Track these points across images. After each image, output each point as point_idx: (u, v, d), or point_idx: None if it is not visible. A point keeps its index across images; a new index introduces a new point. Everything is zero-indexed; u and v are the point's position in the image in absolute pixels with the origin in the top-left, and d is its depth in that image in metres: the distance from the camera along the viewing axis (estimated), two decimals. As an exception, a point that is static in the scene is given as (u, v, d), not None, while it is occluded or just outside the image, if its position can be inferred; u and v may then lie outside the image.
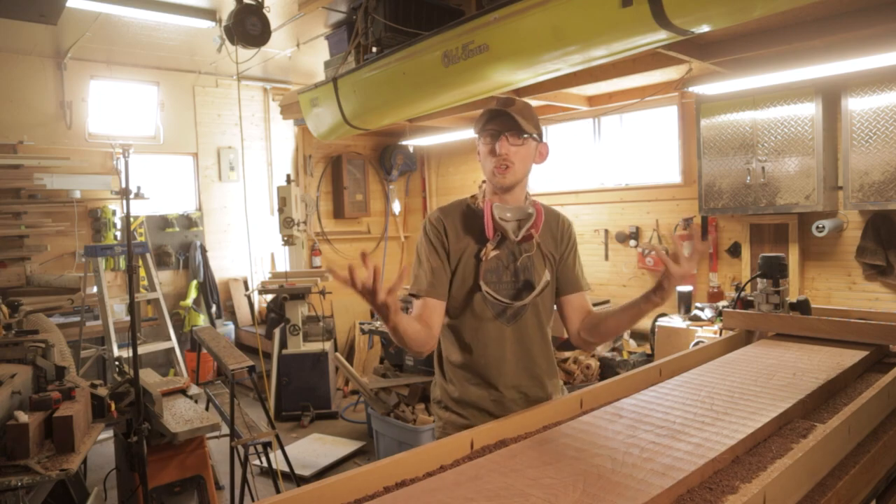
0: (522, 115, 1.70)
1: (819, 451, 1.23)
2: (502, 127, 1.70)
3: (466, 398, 1.77)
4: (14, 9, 3.09)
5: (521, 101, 1.75)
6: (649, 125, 5.46)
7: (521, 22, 2.74)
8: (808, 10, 3.07)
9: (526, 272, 1.76)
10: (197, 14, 4.43)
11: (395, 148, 7.27)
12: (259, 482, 3.81)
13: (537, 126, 1.76)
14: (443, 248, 1.76)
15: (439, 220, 1.79)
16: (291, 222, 5.18)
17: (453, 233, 1.77)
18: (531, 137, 1.73)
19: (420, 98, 3.57)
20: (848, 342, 2.11)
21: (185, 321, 5.99)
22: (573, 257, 1.85)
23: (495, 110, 1.71)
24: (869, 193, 3.85)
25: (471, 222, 1.78)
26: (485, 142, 1.74)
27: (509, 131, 1.70)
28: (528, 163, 1.77)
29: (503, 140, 1.69)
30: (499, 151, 1.69)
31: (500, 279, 1.75)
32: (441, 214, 1.81)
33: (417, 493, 1.14)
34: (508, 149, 1.70)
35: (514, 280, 1.75)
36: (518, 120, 1.68)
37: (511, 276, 1.75)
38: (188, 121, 6.24)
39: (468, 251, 1.75)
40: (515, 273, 1.76)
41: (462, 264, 1.75)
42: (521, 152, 1.72)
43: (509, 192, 1.76)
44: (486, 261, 1.72)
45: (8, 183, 5.13)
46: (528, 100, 4.89)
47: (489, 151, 1.72)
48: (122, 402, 2.59)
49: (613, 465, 1.19)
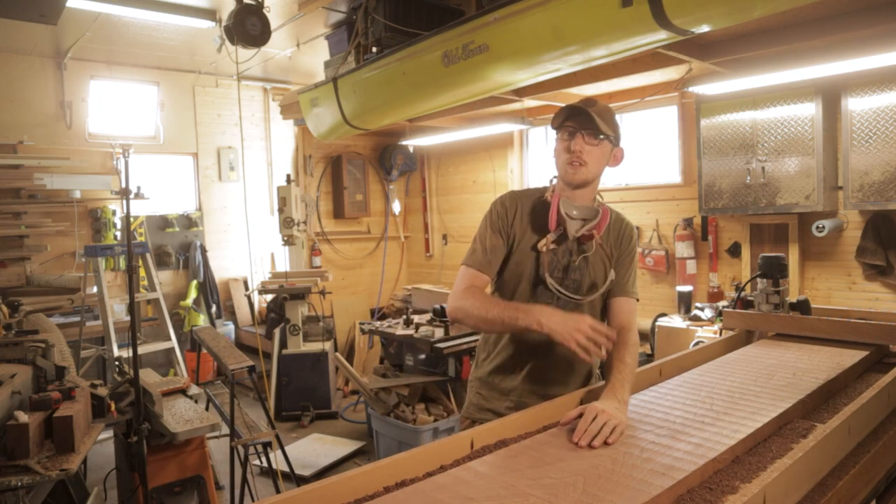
0: (601, 117, 1.71)
1: (819, 451, 1.23)
2: (580, 125, 1.71)
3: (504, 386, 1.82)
4: (14, 9, 3.09)
5: (602, 103, 1.77)
6: (649, 125, 5.46)
7: (521, 22, 2.74)
8: (808, 10, 3.07)
9: (578, 272, 1.77)
10: (197, 14, 4.43)
11: (395, 148, 7.27)
12: (259, 482, 3.81)
13: (616, 129, 1.77)
14: (505, 230, 1.80)
15: (512, 202, 1.83)
16: (291, 222, 5.18)
17: (520, 218, 1.81)
18: (607, 139, 1.74)
19: (420, 98, 3.57)
20: (848, 342, 2.11)
21: (185, 321, 5.99)
22: (628, 262, 1.85)
23: (576, 108, 1.72)
24: (869, 193, 3.85)
25: (539, 212, 1.79)
26: (561, 137, 1.76)
27: (586, 130, 1.71)
28: (602, 164, 1.78)
29: (579, 138, 1.71)
30: (573, 148, 1.71)
31: (551, 274, 1.76)
32: (514, 198, 1.84)
33: (417, 493, 1.14)
34: (583, 147, 1.71)
35: (563, 277, 1.77)
36: (596, 120, 1.69)
37: (561, 272, 1.77)
38: (188, 121, 6.24)
39: (526, 239, 1.78)
40: (566, 270, 1.77)
41: (518, 251, 1.79)
42: (595, 152, 1.73)
43: (579, 190, 1.78)
44: (545, 253, 1.74)
45: (8, 183, 5.13)
46: (527, 100, 4.91)
47: (565, 148, 1.74)
48: (122, 402, 2.59)
49: (613, 465, 1.19)
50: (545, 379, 1.81)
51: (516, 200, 1.84)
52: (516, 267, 1.79)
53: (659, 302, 5.28)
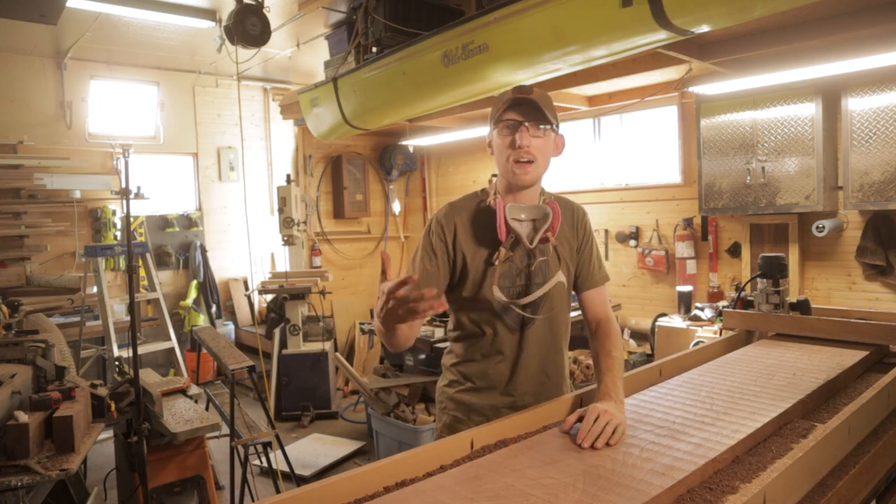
0: (543, 104, 1.56)
1: (819, 451, 1.23)
2: (524, 116, 1.55)
3: (478, 403, 1.70)
4: (14, 9, 3.09)
5: (538, 90, 1.62)
6: (649, 125, 5.46)
7: (521, 22, 2.75)
8: (808, 10, 3.07)
9: (540, 275, 1.65)
10: (197, 14, 4.43)
11: (395, 148, 7.27)
12: (259, 482, 3.81)
13: (556, 117, 1.62)
14: (444, 252, 1.64)
15: (449, 220, 1.66)
16: (291, 222, 5.18)
17: (463, 234, 1.65)
18: (551, 129, 1.60)
19: (420, 98, 3.57)
20: (848, 342, 2.11)
21: (185, 321, 5.99)
22: (589, 249, 1.75)
23: (517, 98, 1.55)
24: (869, 193, 3.85)
25: (483, 222, 1.65)
26: (502, 133, 1.59)
27: (531, 121, 1.55)
28: (549, 157, 1.64)
29: (524, 131, 1.55)
30: (520, 143, 1.54)
31: (513, 283, 1.64)
32: (451, 213, 1.67)
33: (417, 493, 1.14)
34: (530, 141, 1.55)
35: (526, 284, 1.65)
36: (541, 108, 1.54)
37: (524, 279, 1.65)
38: (188, 121, 6.24)
39: (479, 254, 1.64)
40: (529, 276, 1.65)
41: (473, 268, 1.64)
42: (542, 145, 1.59)
43: (526, 189, 1.63)
44: (499, 264, 1.61)
45: (8, 183, 5.13)
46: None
47: (508, 144, 1.57)
48: (122, 402, 2.59)
49: (613, 465, 1.19)
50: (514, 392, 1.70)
51: (454, 215, 1.66)
52: (474, 286, 1.64)
53: (659, 302, 5.28)
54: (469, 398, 1.72)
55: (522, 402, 1.68)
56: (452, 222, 1.66)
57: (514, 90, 1.59)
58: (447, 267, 1.65)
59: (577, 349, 4.91)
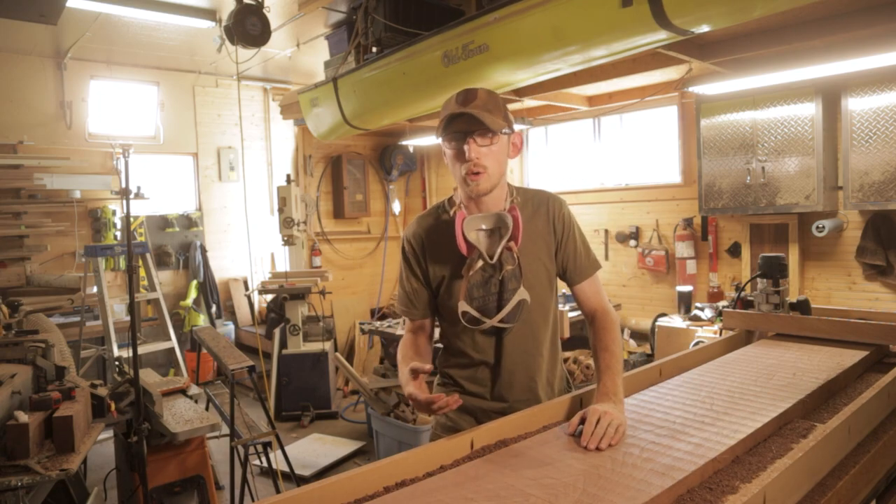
0: (488, 110, 1.50)
1: (819, 451, 1.23)
2: (468, 128, 1.51)
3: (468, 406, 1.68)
4: (14, 9, 3.09)
5: (483, 92, 1.55)
6: (649, 125, 5.46)
7: (521, 22, 2.75)
8: (808, 10, 3.07)
9: (513, 280, 1.61)
10: (197, 14, 4.43)
11: (395, 148, 7.27)
12: (259, 482, 3.81)
13: (506, 117, 1.57)
14: (419, 268, 1.68)
15: (417, 237, 1.68)
16: (291, 222, 5.18)
17: (431, 250, 1.65)
18: (501, 133, 1.55)
19: (420, 98, 3.57)
20: (848, 342, 2.11)
21: (185, 321, 5.99)
22: (572, 242, 1.68)
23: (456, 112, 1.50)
24: (869, 193, 3.85)
25: (446, 235, 1.62)
26: (450, 146, 1.56)
27: (476, 132, 1.51)
28: (503, 161, 1.59)
29: (471, 143, 1.51)
30: (468, 157, 1.51)
31: (487, 292, 1.62)
32: (417, 230, 1.70)
33: (417, 493, 1.14)
34: (479, 151, 1.52)
35: (500, 292, 1.62)
36: (483, 118, 1.48)
37: (498, 286, 1.61)
38: (188, 121, 6.24)
39: (448, 268, 1.64)
40: (502, 284, 1.61)
41: (448, 280, 1.64)
42: (492, 153, 1.54)
43: (486, 196, 1.60)
44: (470, 276, 1.59)
45: (8, 183, 5.13)
46: (527, 100, 4.90)
47: (456, 156, 1.54)
48: (122, 402, 2.59)
49: (613, 465, 1.19)
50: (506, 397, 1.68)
51: (420, 233, 1.68)
52: (448, 300, 1.64)
53: (659, 302, 5.28)
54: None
55: (514, 408, 1.64)
56: (419, 238, 1.69)
57: (456, 98, 1.55)
58: (426, 284, 1.69)
59: (577, 349, 4.91)
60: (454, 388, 1.74)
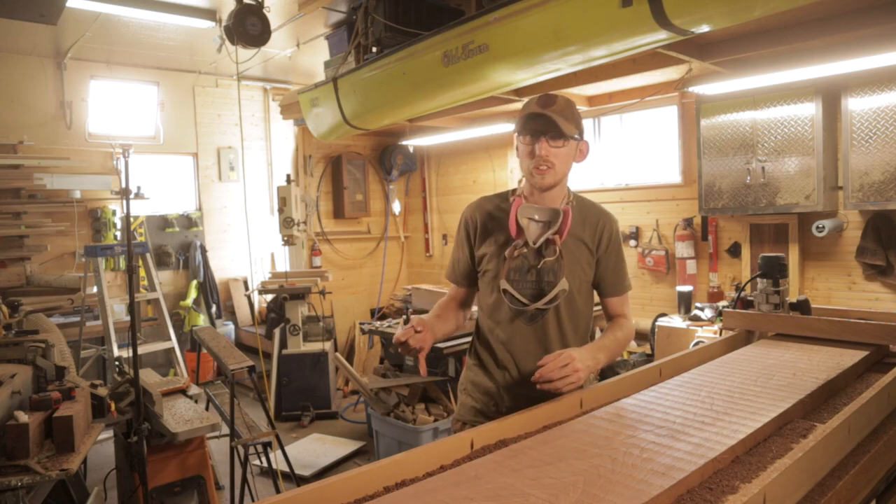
0: (564, 116, 1.67)
1: (819, 451, 1.23)
2: (542, 128, 1.67)
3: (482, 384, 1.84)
4: (14, 9, 3.09)
5: (562, 99, 1.72)
6: (649, 125, 5.46)
7: (521, 22, 2.74)
8: (808, 10, 3.07)
9: (550, 273, 1.74)
10: (197, 14, 4.43)
11: (395, 148, 7.27)
12: (259, 482, 3.81)
13: (579, 125, 1.73)
14: (468, 243, 1.84)
15: (472, 215, 1.85)
16: (291, 222, 5.18)
17: (483, 229, 1.82)
18: (572, 138, 1.71)
19: (420, 98, 3.57)
20: (848, 342, 2.10)
21: (185, 321, 5.99)
22: (613, 259, 1.83)
23: (536, 112, 1.67)
24: (869, 193, 3.85)
25: (502, 218, 1.79)
26: (524, 142, 1.72)
27: (549, 133, 1.67)
28: (569, 163, 1.76)
29: (543, 142, 1.67)
30: (538, 153, 1.68)
31: (523, 278, 1.75)
32: (477, 207, 1.86)
33: (417, 493, 1.14)
34: (549, 151, 1.68)
35: (536, 280, 1.75)
36: (558, 122, 1.65)
37: (535, 275, 1.75)
38: (188, 121, 6.24)
39: (495, 247, 1.78)
40: (538, 273, 1.75)
41: (490, 261, 1.79)
42: (561, 154, 1.70)
43: (547, 192, 1.76)
44: (511, 259, 1.73)
45: (8, 183, 5.13)
46: (528, 100, 4.89)
47: (528, 153, 1.71)
48: (122, 402, 2.59)
49: (613, 465, 1.19)
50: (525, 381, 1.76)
51: (478, 209, 1.85)
52: (485, 273, 1.81)
53: (659, 302, 5.28)
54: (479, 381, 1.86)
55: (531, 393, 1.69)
56: (476, 216, 1.84)
57: (538, 101, 1.70)
58: (471, 254, 1.85)
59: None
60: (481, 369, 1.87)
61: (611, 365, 4.65)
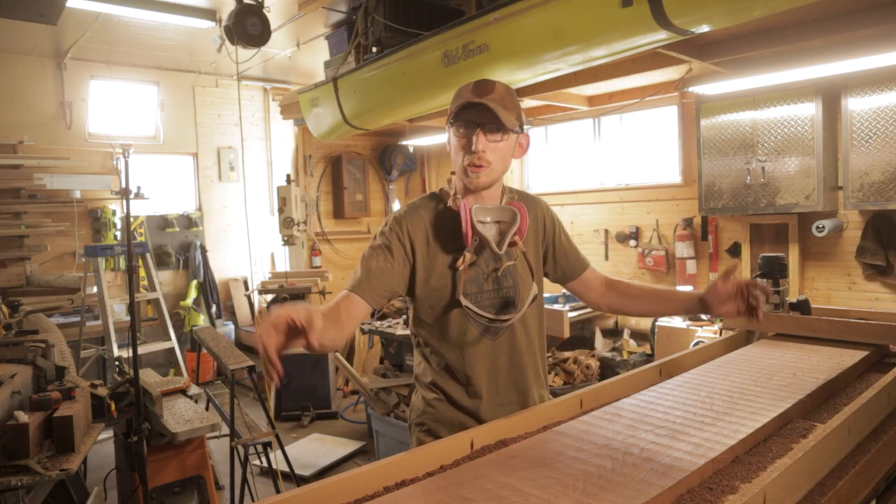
0: (504, 105, 1.45)
1: (819, 451, 1.23)
2: (479, 119, 1.46)
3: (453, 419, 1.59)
4: (14, 9, 3.10)
5: (501, 86, 1.50)
6: (649, 125, 5.46)
7: (521, 22, 2.75)
8: (808, 10, 3.07)
9: (509, 279, 1.57)
10: (197, 14, 4.43)
11: (395, 148, 7.27)
12: (259, 482, 3.81)
13: (519, 116, 1.52)
14: (402, 252, 1.53)
15: (408, 220, 1.55)
16: (291, 222, 5.18)
17: (422, 237, 1.54)
18: (512, 131, 1.50)
19: (420, 98, 3.57)
20: (848, 342, 2.10)
21: (185, 321, 5.99)
22: (564, 239, 1.70)
23: (471, 101, 1.45)
24: (869, 193, 3.85)
25: (444, 225, 1.55)
26: (457, 134, 1.51)
27: (487, 126, 1.46)
28: (508, 159, 1.54)
29: (479, 135, 1.46)
30: (475, 149, 1.46)
31: (480, 289, 1.54)
32: (408, 215, 1.56)
33: (417, 493, 1.14)
34: (486, 145, 1.47)
35: (496, 289, 1.55)
36: (498, 113, 1.43)
37: (493, 284, 1.55)
38: (188, 121, 6.24)
39: (441, 259, 1.53)
40: (497, 281, 1.55)
41: (435, 274, 1.53)
42: (499, 149, 1.49)
43: (485, 190, 1.55)
44: (464, 271, 1.51)
45: (8, 183, 5.13)
46: (527, 100, 4.90)
47: (462, 146, 1.49)
48: (122, 402, 2.59)
49: (613, 465, 1.19)
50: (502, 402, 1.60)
51: (415, 217, 1.56)
52: (433, 292, 1.54)
53: (659, 302, 5.27)
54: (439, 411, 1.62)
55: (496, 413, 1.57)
56: (412, 223, 1.55)
57: (474, 88, 1.49)
58: (405, 268, 1.54)
59: (577, 349, 4.91)
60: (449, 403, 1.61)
61: (610, 365, 4.65)
